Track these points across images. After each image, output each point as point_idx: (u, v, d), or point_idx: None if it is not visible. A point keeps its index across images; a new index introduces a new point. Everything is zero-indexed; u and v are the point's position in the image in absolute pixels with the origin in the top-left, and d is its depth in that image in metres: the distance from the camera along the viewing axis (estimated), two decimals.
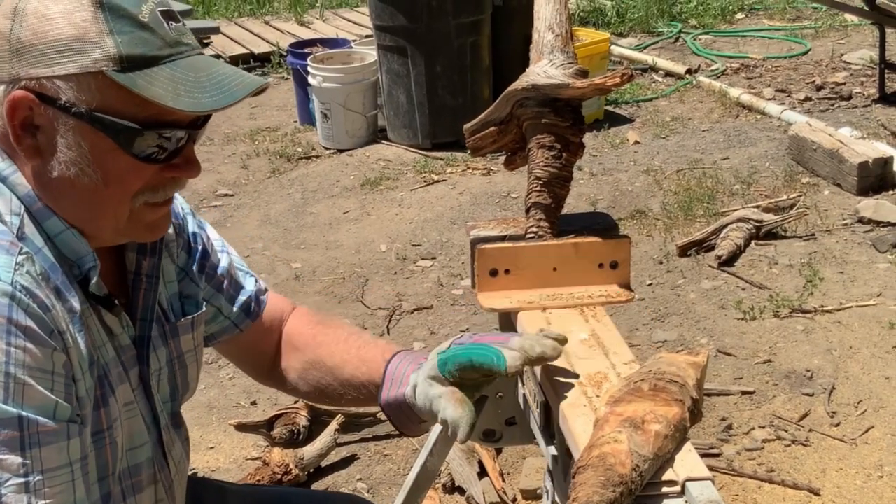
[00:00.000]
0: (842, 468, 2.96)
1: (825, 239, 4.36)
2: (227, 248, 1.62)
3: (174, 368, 1.46)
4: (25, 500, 1.11)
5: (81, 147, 1.19)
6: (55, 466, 1.15)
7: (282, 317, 1.68)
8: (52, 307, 1.19)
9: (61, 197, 1.23)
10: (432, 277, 4.29)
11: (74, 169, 1.20)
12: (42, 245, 1.22)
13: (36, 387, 1.14)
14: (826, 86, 6.41)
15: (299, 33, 7.98)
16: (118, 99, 1.17)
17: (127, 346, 1.35)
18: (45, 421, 1.14)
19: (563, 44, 1.70)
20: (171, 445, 1.45)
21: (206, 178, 5.51)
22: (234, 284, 1.60)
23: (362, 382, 1.56)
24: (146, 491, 1.38)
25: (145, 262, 1.39)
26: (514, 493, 2.93)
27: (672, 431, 1.24)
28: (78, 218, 1.25)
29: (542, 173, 1.70)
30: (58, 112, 1.18)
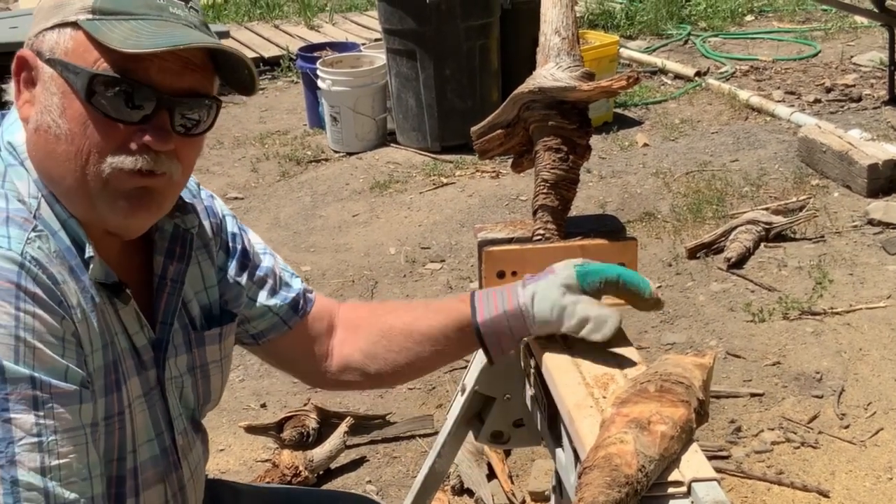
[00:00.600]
0: (851, 470, 2.95)
1: (835, 241, 4.35)
2: (271, 251, 1.64)
3: (196, 378, 1.47)
4: (38, 458, 1.12)
5: (53, 96, 1.23)
6: (68, 428, 1.15)
7: (331, 312, 1.68)
8: (64, 282, 1.20)
9: (43, 160, 1.25)
10: (441, 280, 4.30)
11: (46, 118, 1.23)
12: (58, 228, 1.24)
13: (46, 350, 1.15)
14: (836, 88, 6.39)
15: (309, 37, 8.00)
16: (85, 48, 1.21)
17: (144, 348, 1.36)
18: (57, 382, 1.15)
19: (570, 46, 1.71)
20: (188, 450, 1.45)
21: (216, 182, 5.53)
22: (280, 283, 1.61)
23: (443, 326, 1.56)
24: (153, 489, 1.39)
25: (171, 266, 1.40)
26: (523, 496, 2.93)
27: (678, 432, 1.24)
28: (59, 187, 1.25)
29: (549, 176, 1.70)
30: (42, 63, 1.23)
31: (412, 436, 3.25)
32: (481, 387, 1.81)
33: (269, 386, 3.58)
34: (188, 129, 1.27)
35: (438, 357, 1.60)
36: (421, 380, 3.53)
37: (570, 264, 1.49)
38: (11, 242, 1.16)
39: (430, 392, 3.48)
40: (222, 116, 1.37)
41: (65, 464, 1.14)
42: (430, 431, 3.23)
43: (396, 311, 1.64)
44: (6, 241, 1.16)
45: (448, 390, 3.44)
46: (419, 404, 3.42)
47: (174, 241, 1.41)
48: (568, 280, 1.46)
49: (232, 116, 6.66)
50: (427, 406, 3.41)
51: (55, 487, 1.12)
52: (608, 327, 1.44)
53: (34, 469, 1.11)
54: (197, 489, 1.50)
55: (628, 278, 1.47)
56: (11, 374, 1.11)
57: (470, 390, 1.83)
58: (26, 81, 1.26)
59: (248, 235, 1.60)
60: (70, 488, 1.14)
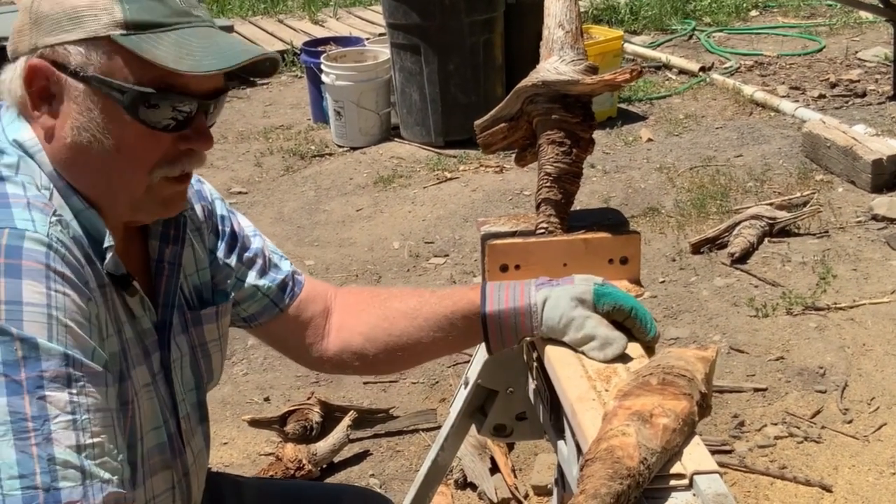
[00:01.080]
0: (854, 465, 2.95)
1: (839, 236, 4.35)
2: (261, 234, 1.65)
3: (197, 356, 1.48)
4: (74, 436, 1.11)
5: (92, 112, 1.23)
6: (99, 408, 1.15)
7: (326, 295, 1.68)
8: (82, 267, 1.21)
9: (78, 168, 1.26)
10: (445, 275, 4.30)
11: (87, 135, 1.23)
12: (71, 219, 1.25)
13: (76, 329, 1.15)
14: (840, 83, 6.38)
15: (313, 31, 8.00)
16: (125, 63, 1.21)
17: (148, 331, 1.37)
18: (88, 361, 1.15)
19: (573, 40, 1.71)
20: (191, 435, 1.46)
21: (220, 176, 5.54)
22: (269, 264, 1.62)
23: (450, 313, 1.56)
24: (160, 475, 1.39)
25: (168, 249, 1.41)
26: (526, 489, 2.94)
27: (680, 425, 1.24)
28: (95, 190, 1.27)
29: (553, 169, 1.70)
30: (68, 78, 1.22)
31: (415, 430, 3.26)
32: (484, 380, 1.81)
33: (273, 380, 3.58)
34: (212, 123, 1.32)
35: (440, 345, 1.60)
36: (424, 374, 3.53)
37: (590, 280, 1.51)
38: (37, 225, 1.17)
39: (434, 386, 3.49)
40: (226, 111, 1.39)
41: (97, 443, 1.13)
42: (433, 425, 3.24)
43: (402, 295, 1.65)
44: (31, 223, 1.17)
45: (451, 384, 3.44)
46: (422, 398, 3.43)
47: (168, 225, 1.42)
48: (583, 295, 1.48)
49: (236, 111, 6.66)
50: (430, 400, 3.41)
51: (91, 466, 1.11)
52: (612, 350, 1.45)
53: (70, 447, 1.10)
54: (200, 474, 1.51)
55: (640, 315, 1.49)
56: (46, 352, 1.11)
57: (473, 384, 1.83)
58: (43, 93, 1.24)
59: (236, 218, 1.61)
60: (104, 468, 1.13)
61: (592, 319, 1.46)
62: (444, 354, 1.71)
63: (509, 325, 1.51)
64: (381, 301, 1.65)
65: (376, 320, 1.63)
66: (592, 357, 1.46)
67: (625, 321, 1.49)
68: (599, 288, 1.49)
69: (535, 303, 1.49)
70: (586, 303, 1.48)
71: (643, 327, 1.49)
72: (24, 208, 1.18)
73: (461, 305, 1.55)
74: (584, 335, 1.46)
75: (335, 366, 1.68)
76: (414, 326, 1.59)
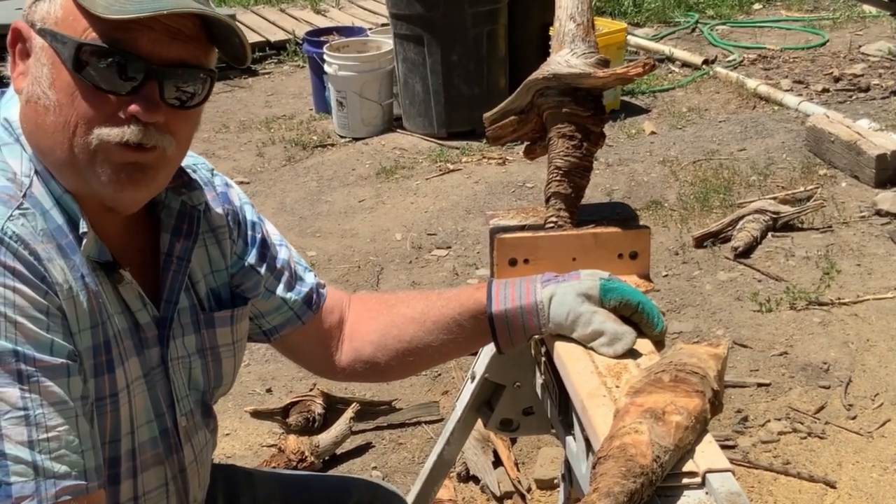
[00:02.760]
0: (858, 461, 2.95)
1: (842, 231, 4.33)
2: (286, 242, 1.63)
3: (207, 359, 1.45)
4: (25, 432, 1.11)
5: (43, 67, 1.21)
6: (57, 401, 1.15)
7: (342, 305, 1.67)
8: (49, 260, 1.19)
9: (34, 132, 1.24)
10: (447, 267, 4.29)
11: (37, 90, 1.22)
12: (50, 207, 1.23)
13: (28, 325, 1.14)
14: (844, 77, 6.36)
15: (315, 21, 7.97)
16: (74, 17, 1.19)
17: (147, 325, 1.34)
18: (42, 356, 1.14)
19: (585, 33, 1.69)
20: (192, 433, 1.44)
21: (222, 166, 5.52)
22: (295, 276, 1.60)
23: (457, 314, 1.55)
24: (152, 470, 1.37)
25: (178, 244, 1.39)
26: (529, 483, 2.93)
27: (693, 423, 1.23)
28: (48, 157, 1.23)
29: (563, 163, 1.69)
30: (34, 34, 1.22)
31: (418, 422, 3.25)
32: (491, 374, 1.80)
33: (275, 371, 3.57)
34: (182, 101, 1.25)
35: (450, 347, 1.59)
36: None
37: (595, 276, 1.49)
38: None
39: (436, 379, 3.48)
40: (228, 100, 1.36)
41: (53, 437, 1.13)
42: (435, 418, 3.23)
43: (408, 301, 1.63)
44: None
45: (454, 377, 3.44)
46: (425, 391, 3.42)
47: (181, 219, 1.39)
48: (590, 291, 1.46)
49: (238, 100, 6.64)
50: (433, 392, 3.40)
51: (44, 461, 1.12)
52: (622, 345, 1.44)
53: (21, 442, 1.11)
54: (201, 473, 1.48)
55: (647, 309, 1.47)
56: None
57: (479, 378, 1.82)
58: (21, 53, 1.25)
59: (266, 226, 1.58)
60: (60, 461, 1.13)
61: (600, 315, 1.45)
62: (455, 356, 1.70)
63: (517, 323, 1.50)
64: (389, 308, 1.64)
65: (385, 328, 1.62)
66: (602, 353, 1.45)
67: (632, 316, 1.48)
68: (606, 283, 1.48)
69: (542, 300, 1.48)
70: (593, 298, 1.46)
71: (650, 322, 1.48)
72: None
73: (468, 306, 1.54)
74: (592, 331, 1.45)
75: (348, 375, 1.67)
76: (423, 331, 1.58)
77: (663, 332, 1.49)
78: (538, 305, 1.48)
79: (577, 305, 1.46)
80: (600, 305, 1.47)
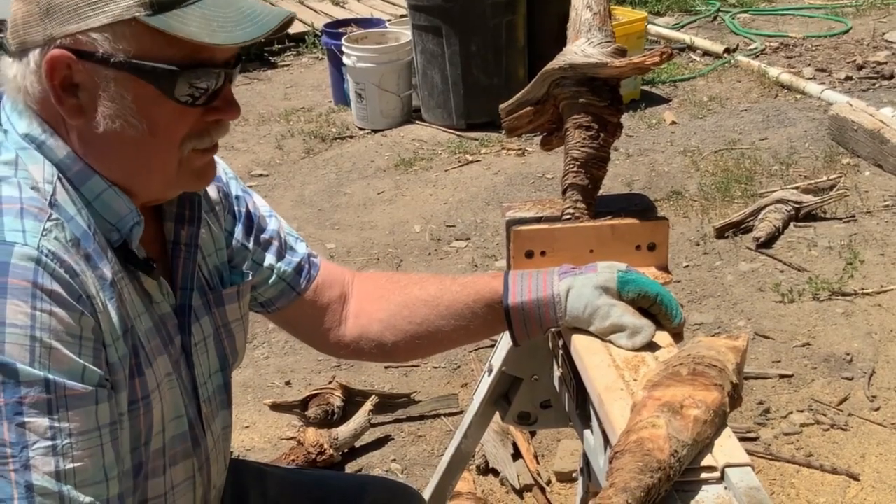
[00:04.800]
0: (882, 453, 2.91)
1: (865, 221, 4.29)
2: (276, 214, 1.62)
3: (221, 337, 1.46)
4: (53, 463, 1.11)
5: (124, 98, 1.19)
6: (84, 430, 1.14)
7: (343, 280, 1.66)
8: (82, 272, 1.18)
9: (109, 154, 1.23)
10: (466, 258, 4.28)
11: (120, 122, 1.20)
12: (75, 213, 1.21)
13: (63, 350, 1.13)
14: (867, 65, 6.29)
15: (334, 13, 7.96)
16: (154, 44, 1.17)
17: (168, 315, 1.34)
18: (72, 384, 1.13)
19: (601, 22, 1.67)
20: (212, 419, 1.44)
21: (241, 159, 5.53)
22: (285, 246, 1.59)
23: (472, 302, 1.54)
24: (181, 464, 1.38)
25: (184, 231, 1.38)
26: (549, 476, 2.92)
27: (711, 417, 1.22)
28: (127, 173, 1.25)
29: (579, 154, 1.67)
30: (96, 66, 1.18)
31: (437, 415, 3.24)
32: (508, 367, 1.79)
33: (294, 364, 3.57)
34: None
35: (461, 333, 1.58)
36: (446, 359, 3.51)
37: (613, 268, 1.48)
38: (27, 237, 1.13)
39: (455, 371, 3.47)
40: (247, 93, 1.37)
41: (80, 468, 1.13)
42: (454, 410, 3.22)
43: (422, 282, 1.62)
44: (21, 235, 1.13)
45: (473, 369, 3.43)
46: (444, 383, 3.41)
47: (182, 206, 1.39)
48: (607, 283, 1.45)
49: (257, 93, 6.65)
50: (452, 385, 3.39)
51: (70, 491, 1.12)
52: (641, 338, 1.42)
53: (49, 473, 1.10)
54: (220, 459, 1.49)
55: (665, 301, 1.46)
56: (25, 378, 1.10)
57: (497, 371, 1.81)
58: (66, 84, 1.19)
59: (252, 198, 1.58)
60: (85, 491, 1.13)
61: (618, 308, 1.44)
62: (464, 343, 1.69)
63: (534, 316, 1.48)
64: (401, 288, 1.63)
65: (396, 307, 1.60)
66: (620, 346, 1.43)
67: (650, 308, 1.46)
68: (623, 275, 1.46)
69: (559, 293, 1.46)
70: (610, 290, 1.45)
71: (669, 313, 1.46)
72: (16, 216, 1.15)
73: (484, 294, 1.53)
74: (610, 324, 1.43)
75: (353, 352, 1.66)
76: (435, 314, 1.57)
77: (682, 324, 1.47)
78: (555, 298, 1.46)
79: (595, 298, 1.44)
80: (618, 298, 1.45)
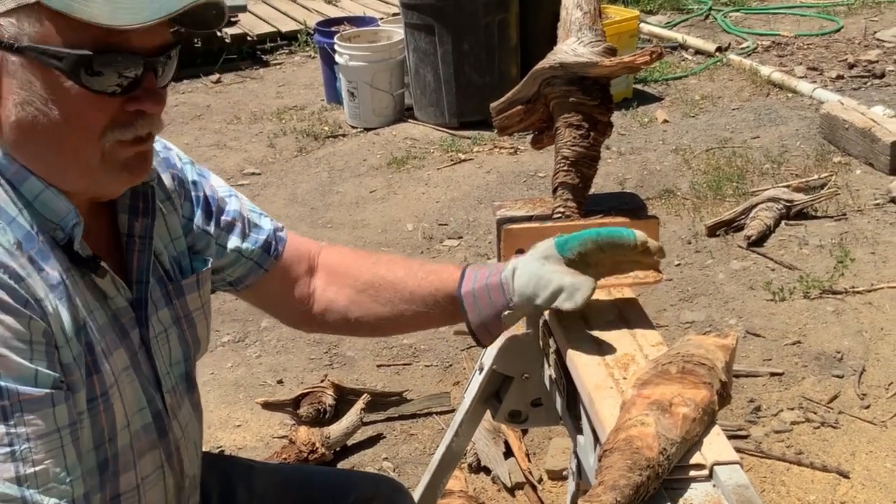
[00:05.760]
0: (872, 451, 2.93)
1: (856, 219, 4.30)
2: (236, 193, 1.59)
3: (183, 328, 1.44)
4: (13, 468, 1.11)
5: (33, 85, 1.16)
6: (42, 434, 1.14)
7: (310, 253, 1.65)
8: (28, 276, 1.16)
9: (27, 146, 1.20)
10: (459, 257, 4.28)
11: (31, 109, 1.17)
12: (17, 214, 1.19)
13: (13, 357, 1.12)
14: (858, 64, 6.31)
15: (326, 11, 7.96)
16: (59, 28, 1.14)
17: (123, 309, 1.32)
18: (26, 389, 1.13)
19: (592, 21, 1.68)
20: (177, 408, 1.42)
21: (233, 157, 5.52)
22: (249, 225, 1.57)
23: (434, 290, 1.55)
24: (147, 456, 1.36)
25: (137, 223, 1.36)
26: (540, 474, 2.93)
27: (700, 415, 1.22)
28: (49, 168, 1.21)
29: (570, 153, 1.68)
30: (3, 52, 1.16)
31: (429, 413, 3.25)
32: (499, 366, 1.79)
33: (286, 362, 3.57)
34: (167, 81, 1.25)
35: (422, 319, 1.60)
36: (437, 357, 3.52)
37: (550, 238, 1.48)
38: None
39: (447, 369, 3.47)
40: (239, 91, 1.35)
41: (41, 471, 1.13)
42: (446, 409, 3.22)
43: (390, 264, 1.62)
44: None
45: (465, 367, 3.43)
46: (436, 381, 3.41)
47: (135, 198, 1.36)
48: (547, 251, 1.46)
49: (249, 91, 6.64)
50: (444, 383, 3.40)
51: (33, 495, 1.12)
52: (580, 295, 1.42)
53: (9, 479, 1.10)
54: (190, 447, 1.47)
55: (609, 234, 1.45)
56: None
57: (488, 369, 1.81)
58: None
59: (209, 181, 1.55)
60: (48, 493, 1.13)
61: (557, 272, 1.44)
62: (426, 328, 1.72)
63: (484, 301, 1.49)
64: (370, 265, 1.63)
65: (362, 285, 1.61)
66: (565, 308, 1.43)
67: (602, 253, 1.45)
68: (559, 239, 1.47)
69: (506, 275, 1.48)
70: (552, 257, 1.45)
71: (622, 240, 1.44)
72: None
73: (447, 284, 1.54)
74: (552, 291, 1.43)
75: (319, 324, 1.67)
76: (399, 297, 1.58)
77: (641, 240, 1.44)
78: (503, 281, 1.48)
79: (538, 269, 1.45)
80: (562, 263, 1.45)
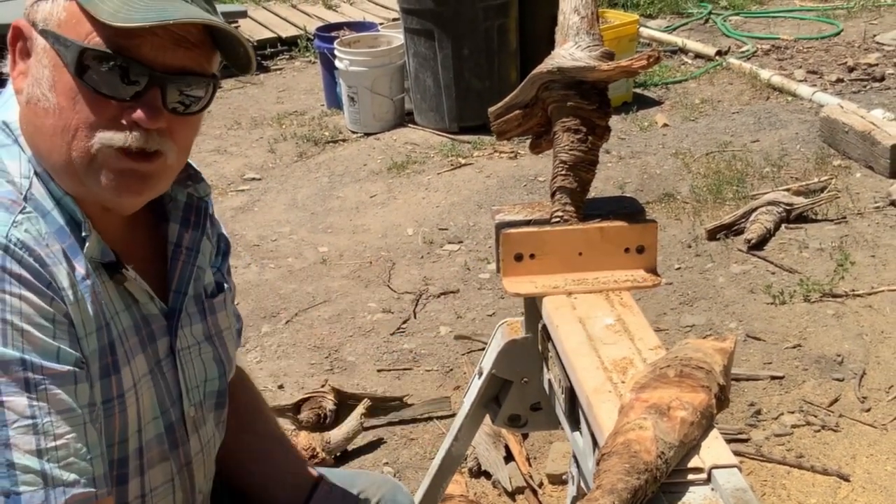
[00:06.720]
0: (872, 454, 2.92)
1: (856, 222, 4.30)
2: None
3: (216, 345, 1.45)
4: (34, 441, 1.11)
5: (44, 68, 1.20)
6: (64, 409, 1.14)
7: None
8: (54, 264, 1.18)
9: (28, 126, 1.23)
10: (459, 261, 4.28)
11: (37, 91, 1.20)
12: (52, 208, 1.22)
13: (35, 332, 1.14)
14: (858, 67, 6.31)
15: (326, 17, 7.97)
16: (78, 20, 1.18)
17: (155, 316, 1.34)
18: (50, 364, 1.14)
19: (589, 26, 1.68)
20: (201, 424, 1.43)
21: (234, 162, 5.53)
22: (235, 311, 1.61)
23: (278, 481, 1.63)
24: (158, 467, 1.37)
25: (187, 234, 1.39)
26: (541, 478, 2.92)
27: (698, 418, 1.22)
28: (48, 160, 1.22)
29: (568, 157, 1.68)
30: (35, 33, 1.21)
31: (429, 417, 3.25)
32: (499, 370, 1.79)
33: (287, 367, 3.57)
34: (185, 107, 1.24)
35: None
36: (438, 362, 3.52)
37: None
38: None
39: (447, 374, 3.47)
40: (240, 97, 1.35)
41: (62, 444, 1.13)
42: (447, 413, 3.22)
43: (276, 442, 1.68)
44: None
45: (465, 372, 3.43)
46: (436, 386, 3.41)
47: (188, 210, 1.40)
48: None
49: (249, 97, 6.65)
50: (444, 388, 3.40)
51: (52, 469, 1.12)
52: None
53: (30, 451, 1.11)
54: (206, 464, 1.48)
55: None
56: (1, 358, 1.11)
57: (487, 374, 1.82)
58: (21, 52, 1.23)
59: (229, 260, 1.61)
60: (69, 469, 1.13)
61: None
62: None
63: None
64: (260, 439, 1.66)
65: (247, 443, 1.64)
66: None
67: None
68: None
69: None
70: None
71: None
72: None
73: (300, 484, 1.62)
74: None
75: None
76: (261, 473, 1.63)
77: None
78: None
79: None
80: None
